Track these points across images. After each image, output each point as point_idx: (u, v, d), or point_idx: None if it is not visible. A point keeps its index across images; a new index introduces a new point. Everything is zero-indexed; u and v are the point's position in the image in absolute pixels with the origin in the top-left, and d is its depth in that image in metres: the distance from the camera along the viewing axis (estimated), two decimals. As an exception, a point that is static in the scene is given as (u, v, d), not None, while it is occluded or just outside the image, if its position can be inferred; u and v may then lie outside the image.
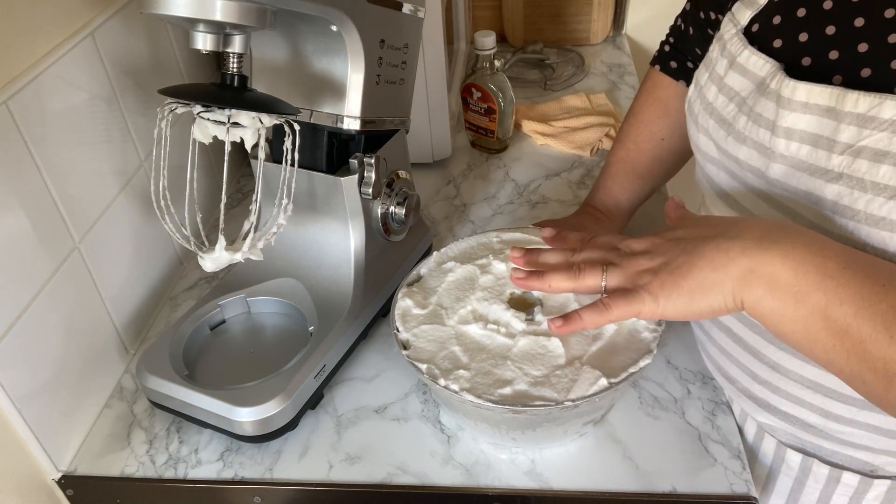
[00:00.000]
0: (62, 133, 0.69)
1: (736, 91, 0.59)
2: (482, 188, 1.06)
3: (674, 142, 0.83)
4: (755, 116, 0.56)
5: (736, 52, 0.59)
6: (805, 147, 0.53)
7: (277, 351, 0.74)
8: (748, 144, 0.57)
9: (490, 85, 1.06)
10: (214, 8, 0.55)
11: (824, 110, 0.51)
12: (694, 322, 0.77)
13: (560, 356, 0.63)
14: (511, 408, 0.59)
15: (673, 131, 0.82)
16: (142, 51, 0.83)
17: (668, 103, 0.82)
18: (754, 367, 0.65)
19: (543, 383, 0.61)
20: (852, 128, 0.50)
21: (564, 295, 0.68)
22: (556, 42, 1.45)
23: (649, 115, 0.84)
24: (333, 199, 0.74)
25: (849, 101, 0.50)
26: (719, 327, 0.68)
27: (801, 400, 0.62)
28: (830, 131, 0.51)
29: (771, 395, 0.65)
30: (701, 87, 0.64)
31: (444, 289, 0.71)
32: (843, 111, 0.50)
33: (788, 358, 0.61)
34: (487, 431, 0.66)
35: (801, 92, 0.53)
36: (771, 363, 0.63)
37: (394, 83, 0.75)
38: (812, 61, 0.55)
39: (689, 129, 0.68)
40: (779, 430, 0.68)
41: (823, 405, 0.61)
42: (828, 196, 0.52)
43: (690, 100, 0.67)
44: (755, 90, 0.57)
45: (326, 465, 0.69)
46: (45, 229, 0.67)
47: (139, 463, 0.70)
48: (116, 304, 0.79)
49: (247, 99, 0.62)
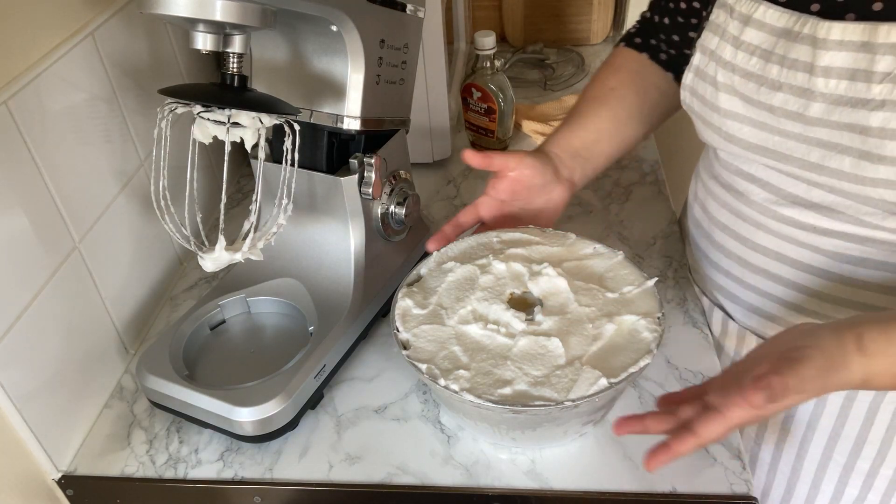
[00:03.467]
0: (62, 133, 0.69)
1: (756, 45, 0.62)
2: (482, 188, 1.05)
3: (623, 92, 0.83)
4: (790, 62, 0.59)
5: (749, 10, 0.62)
6: (843, 82, 0.56)
7: (277, 351, 0.74)
8: (784, 90, 0.60)
9: (490, 85, 1.06)
10: (214, 8, 0.55)
11: (859, 45, 0.55)
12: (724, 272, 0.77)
13: (560, 356, 0.63)
14: (511, 408, 0.59)
15: (622, 83, 0.83)
16: (142, 51, 0.83)
17: (621, 65, 0.84)
18: (800, 302, 0.69)
19: (544, 383, 0.61)
20: (888, 57, 0.53)
21: (565, 295, 0.68)
22: (556, 42, 1.45)
23: (603, 74, 0.85)
24: (333, 199, 0.74)
25: (881, 33, 0.53)
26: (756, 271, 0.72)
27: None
28: (867, 63, 0.54)
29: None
30: (712, 51, 0.66)
31: (444, 289, 0.71)
32: (877, 43, 0.54)
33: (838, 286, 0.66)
34: (487, 431, 0.66)
35: (835, 31, 0.56)
36: (819, 294, 0.68)
37: (394, 83, 0.75)
38: (821, 7, 0.58)
39: (702, 94, 0.68)
40: None
41: None
42: (873, 124, 0.55)
43: (699, 67, 0.68)
44: (782, 39, 0.60)
45: (326, 465, 0.69)
46: (45, 229, 0.67)
47: (139, 463, 0.70)
48: (116, 304, 0.79)
49: (247, 99, 0.62)
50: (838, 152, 0.58)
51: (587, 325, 0.65)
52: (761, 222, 0.69)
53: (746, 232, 0.71)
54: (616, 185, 1.05)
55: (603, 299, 0.68)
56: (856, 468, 0.76)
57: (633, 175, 1.07)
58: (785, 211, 0.66)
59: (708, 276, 0.80)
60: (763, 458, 0.83)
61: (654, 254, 0.92)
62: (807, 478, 0.80)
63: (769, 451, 0.82)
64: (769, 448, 0.82)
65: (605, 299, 0.68)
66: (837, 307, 0.67)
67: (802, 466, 0.80)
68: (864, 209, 0.61)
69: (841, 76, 0.56)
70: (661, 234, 0.95)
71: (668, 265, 0.90)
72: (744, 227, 0.71)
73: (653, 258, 0.91)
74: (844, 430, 0.75)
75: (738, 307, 0.77)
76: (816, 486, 0.80)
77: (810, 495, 0.81)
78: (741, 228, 0.72)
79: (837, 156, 0.58)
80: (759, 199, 0.68)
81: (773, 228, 0.68)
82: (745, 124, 0.64)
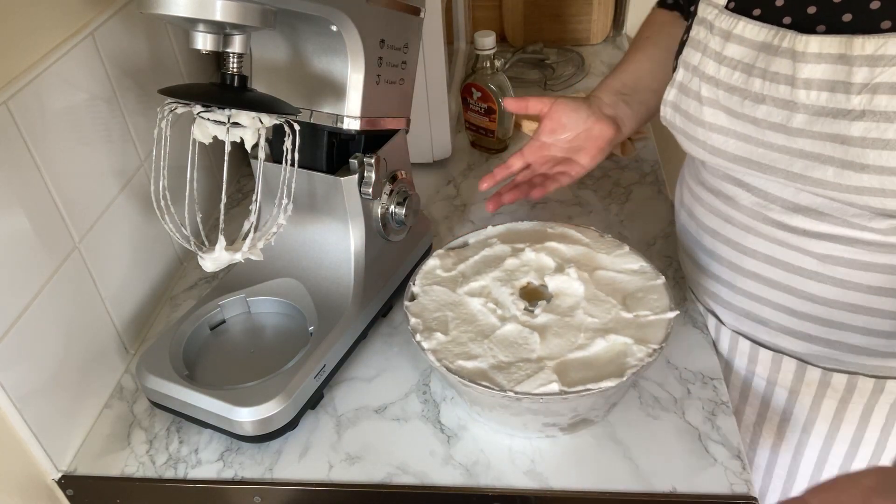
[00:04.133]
0: (62, 133, 0.69)
1: (738, 59, 0.62)
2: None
3: (657, 38, 0.85)
4: (771, 76, 0.60)
5: (729, 26, 0.63)
6: (824, 94, 0.57)
7: (277, 351, 0.74)
8: (767, 102, 0.61)
9: (490, 85, 1.06)
10: (214, 8, 0.55)
11: (836, 58, 0.56)
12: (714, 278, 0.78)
13: (532, 351, 0.65)
14: (460, 380, 0.62)
15: (656, 32, 0.86)
16: (142, 51, 0.83)
17: (654, 20, 0.88)
18: (792, 305, 0.70)
19: (502, 369, 0.63)
20: (864, 69, 0.55)
21: (576, 300, 0.70)
22: (556, 42, 1.45)
23: (640, 30, 0.88)
24: (333, 199, 0.74)
25: (856, 46, 0.55)
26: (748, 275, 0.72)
27: (843, 324, 0.68)
28: (844, 75, 0.56)
29: (812, 327, 0.70)
30: (694, 66, 0.67)
31: (474, 260, 0.75)
32: (853, 55, 0.55)
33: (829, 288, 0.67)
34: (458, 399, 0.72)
35: (813, 44, 0.57)
36: (811, 297, 0.68)
37: (394, 83, 0.75)
38: (792, 20, 0.59)
39: (686, 109, 0.68)
40: (821, 358, 0.72)
41: (867, 324, 0.67)
42: (854, 133, 0.56)
43: (682, 83, 0.68)
44: (763, 54, 0.60)
45: (326, 465, 0.69)
46: (45, 229, 0.67)
47: (139, 463, 0.70)
48: (116, 304, 0.79)
49: (247, 99, 0.62)
50: (821, 162, 0.59)
51: (579, 335, 0.66)
52: (750, 226, 0.69)
53: (736, 236, 0.71)
54: (616, 185, 1.05)
55: (613, 316, 0.68)
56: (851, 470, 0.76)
57: (633, 175, 1.07)
58: (774, 215, 0.66)
59: (699, 283, 0.80)
60: (759, 462, 0.83)
61: (654, 254, 0.92)
62: (803, 480, 0.80)
63: (765, 456, 0.82)
64: (765, 452, 0.82)
65: (616, 317, 0.68)
66: (829, 308, 0.68)
67: (798, 469, 0.80)
68: (850, 211, 0.61)
69: (821, 88, 0.57)
70: (661, 234, 0.95)
71: (669, 265, 0.90)
72: (733, 231, 0.71)
73: (653, 258, 0.90)
74: (840, 433, 0.76)
75: (729, 313, 0.77)
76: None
77: None
78: (730, 233, 0.72)
79: (821, 166, 0.59)
80: (748, 203, 0.68)
81: (763, 232, 0.68)
82: (730, 137, 0.65)
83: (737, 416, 0.82)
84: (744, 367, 0.80)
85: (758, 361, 0.78)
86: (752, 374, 0.80)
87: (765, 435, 0.81)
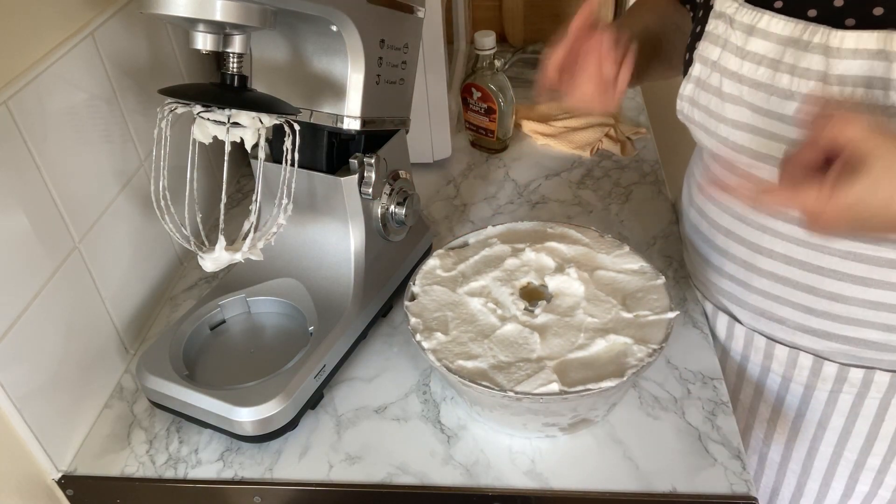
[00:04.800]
0: (62, 133, 0.69)
1: (762, 55, 0.61)
2: (482, 188, 1.06)
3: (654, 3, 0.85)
4: (801, 71, 0.59)
5: (752, 20, 0.61)
6: (860, 90, 0.56)
7: (277, 351, 0.74)
8: (796, 99, 0.60)
9: (490, 85, 1.06)
10: (214, 8, 0.55)
11: (874, 53, 0.54)
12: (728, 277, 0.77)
13: (533, 351, 0.65)
14: (461, 380, 0.62)
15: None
16: (142, 51, 0.83)
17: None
18: (810, 303, 0.69)
19: (502, 369, 0.63)
20: None
21: (576, 300, 0.70)
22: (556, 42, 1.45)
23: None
24: (333, 199, 0.74)
25: None
26: (763, 274, 0.71)
27: (863, 321, 0.68)
28: (883, 71, 0.54)
29: (831, 324, 0.69)
30: (713, 61, 0.66)
31: (474, 260, 0.75)
32: (894, 51, 0.53)
33: (849, 286, 0.66)
34: (458, 398, 0.72)
35: (849, 40, 0.55)
36: (830, 295, 0.67)
37: (394, 83, 0.75)
38: (818, 13, 0.58)
39: (705, 104, 0.68)
40: (838, 354, 0.72)
41: (887, 320, 0.66)
42: (894, 129, 0.55)
43: (700, 77, 0.68)
44: (791, 49, 0.59)
45: (326, 465, 0.69)
46: (45, 229, 0.67)
47: (139, 463, 0.70)
48: (116, 304, 0.79)
49: (247, 99, 0.62)
50: None
51: (579, 335, 0.66)
52: (768, 225, 0.68)
53: (752, 236, 0.70)
54: (616, 185, 1.05)
55: (613, 316, 0.68)
56: (867, 465, 0.76)
57: (633, 175, 1.07)
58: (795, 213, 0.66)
59: (711, 282, 0.80)
60: (773, 457, 0.83)
61: (654, 254, 0.92)
62: (817, 475, 0.80)
63: (779, 451, 0.82)
64: (779, 448, 0.82)
65: (616, 317, 0.68)
66: (848, 306, 0.67)
67: (813, 465, 0.80)
68: None
69: (857, 84, 0.56)
70: (661, 234, 0.95)
71: (669, 265, 0.90)
72: (748, 231, 0.71)
73: (653, 258, 0.91)
74: (856, 427, 0.75)
75: (744, 311, 0.77)
76: (827, 483, 0.80)
77: (820, 493, 0.81)
78: (746, 233, 0.71)
79: None
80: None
81: (782, 231, 0.68)
82: (753, 134, 0.64)
83: (751, 412, 0.83)
84: (759, 363, 0.80)
85: (773, 358, 0.78)
86: (767, 371, 0.79)
87: (779, 430, 0.81)
